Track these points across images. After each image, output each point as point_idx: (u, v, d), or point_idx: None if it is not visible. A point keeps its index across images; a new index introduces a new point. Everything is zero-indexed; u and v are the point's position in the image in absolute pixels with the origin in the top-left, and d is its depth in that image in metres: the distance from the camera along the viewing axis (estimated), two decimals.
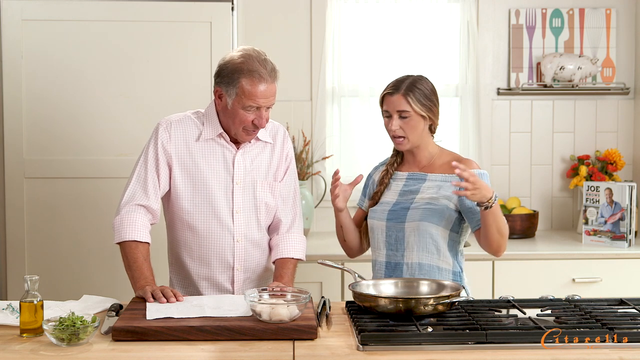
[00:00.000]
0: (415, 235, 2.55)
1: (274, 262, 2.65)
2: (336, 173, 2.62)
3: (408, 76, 2.62)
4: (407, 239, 2.56)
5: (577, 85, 4.06)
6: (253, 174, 2.60)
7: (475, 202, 2.41)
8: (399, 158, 2.72)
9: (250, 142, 2.60)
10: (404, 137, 2.59)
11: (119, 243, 2.51)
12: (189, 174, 2.56)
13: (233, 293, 2.61)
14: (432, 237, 2.54)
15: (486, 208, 2.38)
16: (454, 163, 2.35)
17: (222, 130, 2.56)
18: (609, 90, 4.13)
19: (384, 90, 2.62)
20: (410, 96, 2.55)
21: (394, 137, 2.61)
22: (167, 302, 2.30)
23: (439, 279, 2.52)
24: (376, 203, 2.68)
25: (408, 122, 2.57)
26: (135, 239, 2.48)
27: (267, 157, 2.64)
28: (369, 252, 2.83)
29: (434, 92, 2.61)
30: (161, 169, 2.55)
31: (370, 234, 2.69)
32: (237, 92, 2.45)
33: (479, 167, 2.60)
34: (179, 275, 2.67)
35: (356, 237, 2.76)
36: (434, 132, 2.66)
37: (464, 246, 2.81)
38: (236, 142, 2.60)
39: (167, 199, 2.61)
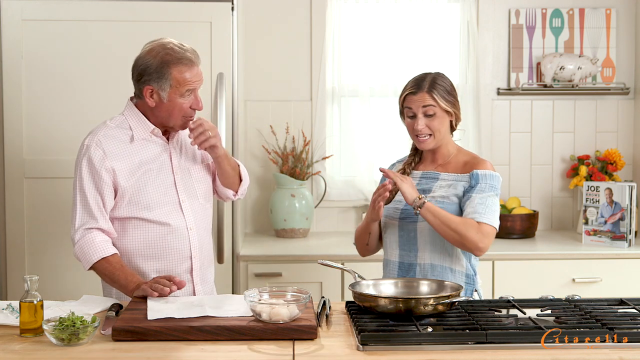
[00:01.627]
0: (427, 235, 2.53)
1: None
2: (384, 185, 2.50)
3: (427, 74, 2.58)
4: (420, 238, 2.55)
5: (577, 85, 4.06)
6: (188, 162, 2.64)
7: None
8: (417, 158, 2.69)
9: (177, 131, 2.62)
10: (430, 135, 2.56)
11: (90, 268, 2.52)
12: (133, 180, 2.54)
13: (193, 282, 2.62)
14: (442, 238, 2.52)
15: (414, 208, 2.46)
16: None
17: (154, 127, 2.58)
18: (609, 90, 4.13)
19: (405, 91, 2.58)
20: (434, 92, 2.52)
21: (418, 136, 2.57)
22: (169, 290, 2.33)
23: (451, 280, 2.50)
24: (391, 200, 2.65)
25: (434, 119, 2.54)
26: (102, 257, 2.49)
27: (189, 142, 2.64)
28: None
29: (453, 87, 2.60)
30: (102, 187, 2.51)
31: (384, 233, 2.66)
32: (171, 84, 2.49)
33: (494, 169, 2.59)
34: None
35: (378, 240, 2.73)
36: (455, 129, 2.65)
37: None
38: (165, 134, 2.61)
39: (117, 209, 2.56)
